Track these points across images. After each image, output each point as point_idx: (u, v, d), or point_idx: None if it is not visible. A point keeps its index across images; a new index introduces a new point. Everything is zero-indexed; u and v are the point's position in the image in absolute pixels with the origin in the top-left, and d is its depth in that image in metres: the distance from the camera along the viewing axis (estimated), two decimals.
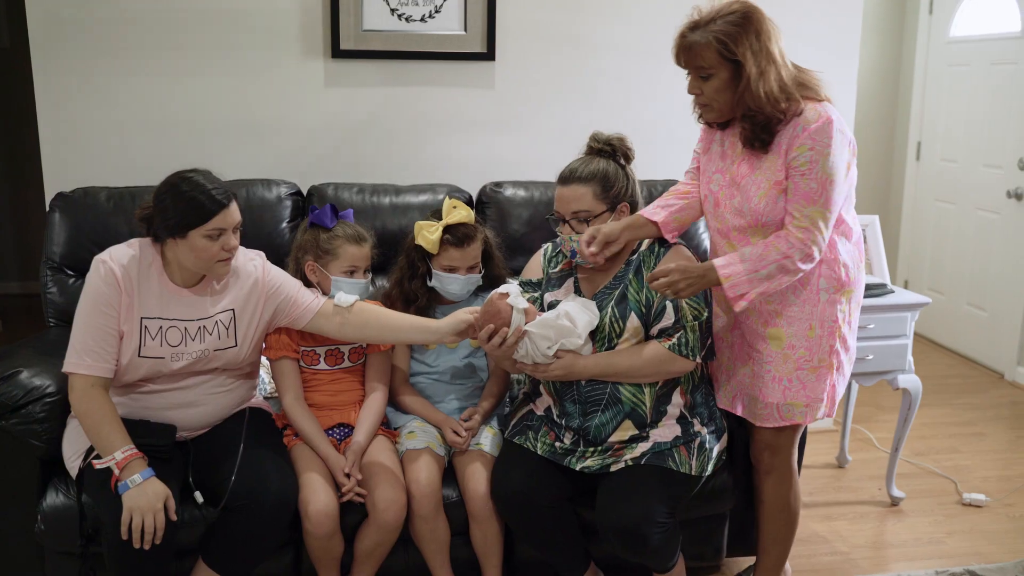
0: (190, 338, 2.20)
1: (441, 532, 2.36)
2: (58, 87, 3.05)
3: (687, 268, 2.14)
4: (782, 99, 2.06)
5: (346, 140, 3.25)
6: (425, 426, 2.46)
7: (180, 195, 2.10)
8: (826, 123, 2.06)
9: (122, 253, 2.17)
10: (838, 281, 2.20)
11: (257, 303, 2.28)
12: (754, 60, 2.04)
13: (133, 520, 1.97)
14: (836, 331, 2.22)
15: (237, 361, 2.29)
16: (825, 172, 2.06)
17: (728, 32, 2.05)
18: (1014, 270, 4.47)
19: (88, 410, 2.08)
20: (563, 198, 2.34)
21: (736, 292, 2.12)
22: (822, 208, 2.08)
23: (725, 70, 2.08)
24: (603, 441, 2.29)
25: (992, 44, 4.61)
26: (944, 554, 2.87)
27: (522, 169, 3.27)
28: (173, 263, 2.18)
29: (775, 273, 2.10)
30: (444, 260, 2.46)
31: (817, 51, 3.47)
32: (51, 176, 3.08)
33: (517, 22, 3.27)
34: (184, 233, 2.10)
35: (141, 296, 2.15)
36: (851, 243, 2.23)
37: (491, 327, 2.22)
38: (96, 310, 2.11)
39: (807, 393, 2.24)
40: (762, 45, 2.05)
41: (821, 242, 2.10)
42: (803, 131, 2.07)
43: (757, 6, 2.10)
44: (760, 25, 2.06)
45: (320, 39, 3.18)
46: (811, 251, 2.09)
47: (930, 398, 4.10)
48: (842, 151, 2.08)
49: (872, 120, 5.38)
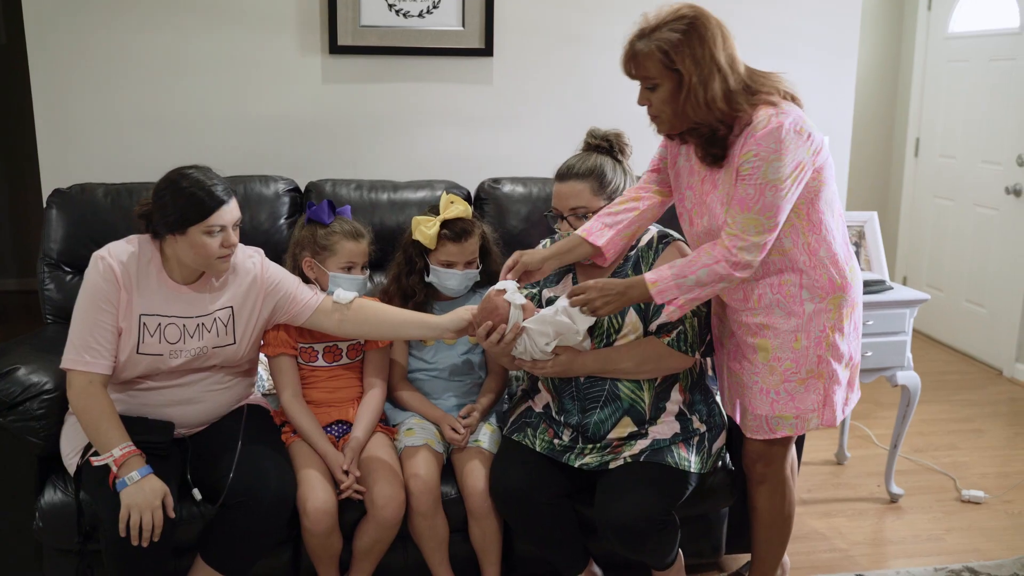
0: (188, 335, 2.19)
1: (440, 529, 2.36)
2: (55, 83, 3.04)
3: (605, 285, 2.10)
4: (726, 108, 1.98)
5: (344, 136, 3.25)
6: (423, 423, 2.46)
7: (180, 191, 2.09)
8: (775, 128, 1.94)
9: (121, 250, 2.16)
10: (821, 289, 2.11)
11: (256, 300, 2.28)
12: (696, 69, 1.95)
13: (131, 517, 1.96)
14: (824, 340, 2.13)
15: (236, 358, 2.29)
16: (765, 178, 1.95)
17: (671, 41, 1.96)
18: (1013, 267, 4.47)
19: (86, 407, 2.07)
20: (561, 194, 2.34)
21: (664, 298, 2.06)
22: (756, 215, 1.98)
23: (669, 80, 1.98)
24: (602, 438, 2.28)
25: (991, 40, 4.61)
26: (943, 551, 2.87)
27: (520, 165, 3.27)
28: (172, 260, 2.17)
29: (705, 280, 2.02)
30: (441, 255, 2.46)
31: (816, 48, 3.47)
32: (48, 172, 3.08)
33: (515, 18, 3.26)
34: (184, 229, 2.10)
35: (140, 293, 2.15)
36: (836, 246, 2.12)
37: (489, 324, 2.21)
38: (95, 306, 2.11)
39: (796, 405, 2.17)
40: (706, 53, 1.96)
41: (752, 249, 2.00)
42: (751, 138, 1.97)
43: (705, 11, 2.01)
44: (704, 32, 1.97)
45: (318, 35, 3.17)
46: (739, 258, 1.99)
47: (929, 395, 4.10)
48: (794, 153, 1.97)
49: (871, 116, 5.38)
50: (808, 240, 2.09)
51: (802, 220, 2.07)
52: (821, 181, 2.06)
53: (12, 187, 5.66)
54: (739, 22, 3.36)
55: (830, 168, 2.08)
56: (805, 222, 2.07)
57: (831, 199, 2.11)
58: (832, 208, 2.11)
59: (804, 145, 1.98)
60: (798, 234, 2.08)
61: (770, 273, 2.12)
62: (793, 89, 2.07)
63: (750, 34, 3.40)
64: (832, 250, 2.12)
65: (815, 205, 2.07)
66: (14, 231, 5.72)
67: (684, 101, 1.98)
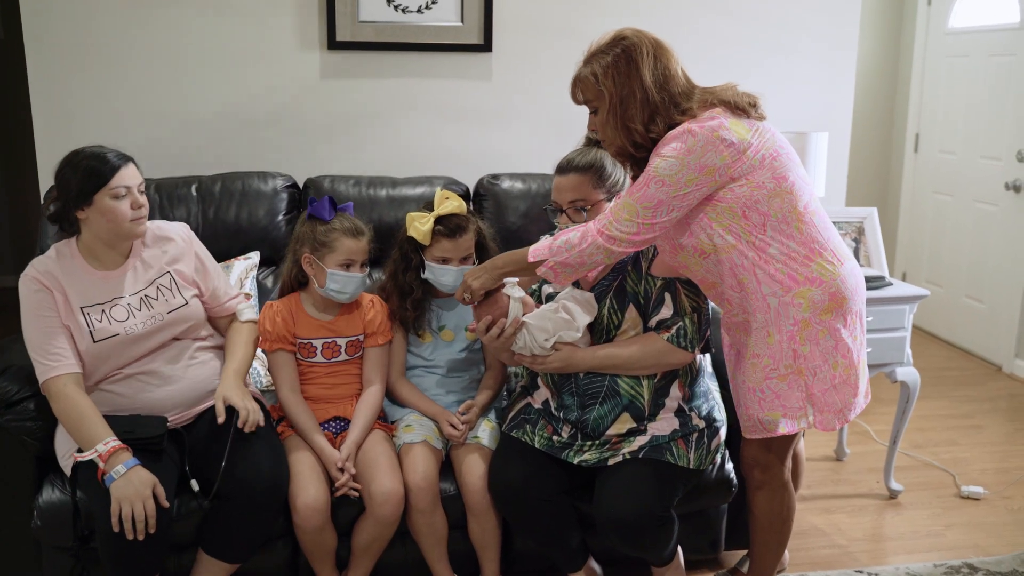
0: (135, 310, 2.23)
1: (439, 526, 2.35)
2: (52, 79, 3.04)
3: (473, 269, 2.27)
4: (641, 130, 2.01)
5: (342, 132, 3.24)
6: (422, 419, 2.46)
7: (77, 165, 2.17)
8: (681, 132, 1.98)
9: (40, 261, 2.23)
10: (780, 284, 2.05)
11: (190, 261, 2.36)
12: (617, 90, 2.02)
13: (123, 510, 1.97)
14: (796, 335, 2.07)
15: (200, 319, 2.34)
16: (656, 171, 1.98)
17: (603, 64, 2.03)
18: (1012, 262, 4.47)
19: (64, 408, 2.10)
20: (560, 187, 2.36)
21: (536, 257, 2.14)
22: (635, 203, 2.01)
23: (603, 102, 2.05)
24: (601, 434, 2.28)
25: (991, 35, 4.60)
26: (942, 547, 2.87)
27: (519, 161, 3.27)
28: (92, 247, 2.22)
29: (575, 241, 2.08)
30: (437, 251, 2.45)
31: (816, 42, 3.46)
32: (46, 168, 3.07)
33: (514, 14, 3.26)
34: (90, 199, 2.15)
35: (72, 289, 2.20)
36: (797, 238, 2.04)
37: (489, 318, 2.21)
38: (37, 317, 2.16)
39: (782, 403, 2.12)
40: (631, 72, 2.01)
41: (620, 227, 2.03)
42: (664, 143, 2.01)
43: (643, 33, 2.06)
44: (633, 52, 2.01)
45: (316, 30, 3.16)
46: (608, 231, 2.04)
47: (928, 391, 4.10)
48: (700, 156, 1.95)
49: (871, 112, 5.38)
50: (751, 240, 2.04)
51: (738, 221, 2.03)
52: (759, 183, 2.00)
53: (10, 183, 5.65)
54: (739, 18, 3.40)
55: (780, 170, 2.02)
56: (741, 217, 2.03)
57: (786, 201, 2.03)
58: (786, 207, 2.03)
59: (718, 151, 1.97)
60: (737, 236, 2.04)
61: (726, 274, 2.10)
62: (745, 98, 2.05)
63: (750, 29, 3.41)
64: (785, 244, 2.05)
65: (757, 209, 2.02)
66: (12, 227, 5.73)
67: (603, 123, 2.06)
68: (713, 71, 2.10)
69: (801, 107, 3.46)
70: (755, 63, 3.40)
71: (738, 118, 2.02)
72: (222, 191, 2.88)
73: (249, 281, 2.81)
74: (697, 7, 3.35)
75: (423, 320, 2.52)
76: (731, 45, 3.39)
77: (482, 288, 2.23)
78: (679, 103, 2.03)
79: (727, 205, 2.03)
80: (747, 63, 3.38)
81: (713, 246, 2.07)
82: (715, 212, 2.04)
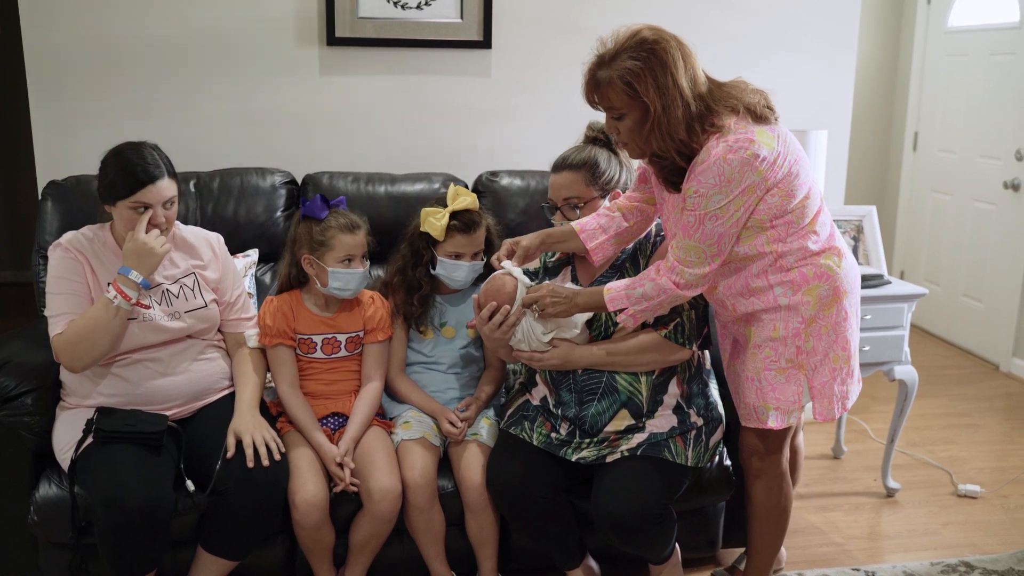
0: (156, 302, 2.27)
1: (436, 523, 2.35)
2: (50, 75, 3.03)
3: (555, 290, 2.20)
4: (685, 138, 1.97)
5: (341, 128, 3.23)
6: (421, 416, 2.46)
7: (113, 165, 2.19)
8: (713, 162, 1.94)
9: (72, 235, 2.29)
10: (792, 284, 2.09)
11: (215, 268, 2.40)
12: (660, 99, 1.94)
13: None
14: (802, 332, 2.11)
15: (215, 322, 2.38)
16: (705, 209, 1.97)
17: (632, 70, 1.93)
18: (1010, 261, 4.47)
19: (74, 324, 2.15)
20: (555, 185, 2.37)
21: (615, 305, 2.13)
22: (697, 243, 2.01)
23: (636, 109, 1.97)
24: (599, 431, 2.28)
25: (991, 34, 4.60)
26: (939, 545, 2.87)
27: (518, 158, 3.26)
28: (122, 235, 2.25)
29: (651, 294, 2.08)
30: (450, 247, 2.45)
31: (815, 40, 3.46)
32: (43, 164, 3.06)
33: (513, 10, 3.25)
34: (113, 202, 2.20)
35: (101, 266, 2.25)
36: (810, 242, 2.07)
37: (493, 304, 2.23)
38: (63, 280, 2.22)
39: (777, 396, 2.16)
40: (668, 80, 1.93)
41: (692, 272, 2.03)
42: (692, 173, 1.99)
43: (664, 33, 1.98)
44: (666, 57, 1.94)
45: (315, 26, 3.15)
46: (679, 280, 2.05)
47: (926, 389, 4.10)
48: (739, 180, 1.95)
49: (870, 110, 5.37)
50: (773, 242, 2.06)
51: (764, 227, 2.05)
52: (787, 191, 2.02)
53: (7, 179, 5.64)
54: (739, 15, 3.40)
55: (801, 173, 2.03)
56: (768, 227, 2.05)
57: (804, 203, 2.06)
58: (804, 208, 2.06)
59: (754, 169, 1.96)
60: (762, 244, 2.07)
61: (742, 269, 2.12)
62: (756, 97, 2.03)
63: (749, 27, 3.40)
64: (804, 245, 2.08)
65: (783, 217, 2.04)
66: (9, 223, 5.71)
67: (648, 132, 1.99)
68: (713, 68, 2.09)
69: (800, 105, 3.46)
70: (754, 60, 3.40)
71: (762, 126, 2.01)
72: (220, 187, 2.88)
73: (248, 279, 2.81)
74: (697, 4, 3.35)
75: (427, 316, 2.52)
76: (730, 42, 3.39)
77: (556, 316, 2.22)
78: (710, 106, 2.00)
79: (758, 218, 2.03)
80: (746, 60, 3.38)
81: (738, 254, 2.09)
82: (746, 226, 2.05)
